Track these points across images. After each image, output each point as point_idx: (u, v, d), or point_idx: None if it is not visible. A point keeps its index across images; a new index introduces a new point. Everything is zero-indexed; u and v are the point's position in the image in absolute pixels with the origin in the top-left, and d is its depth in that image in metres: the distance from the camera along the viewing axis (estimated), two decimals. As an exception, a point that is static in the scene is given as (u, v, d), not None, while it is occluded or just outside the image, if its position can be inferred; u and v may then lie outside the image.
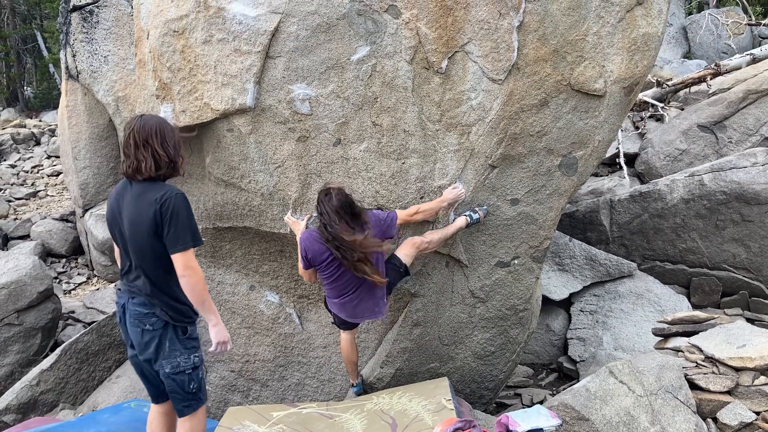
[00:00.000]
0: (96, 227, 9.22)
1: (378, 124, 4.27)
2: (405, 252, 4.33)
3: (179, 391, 3.48)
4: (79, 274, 9.97)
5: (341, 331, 4.61)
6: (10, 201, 13.58)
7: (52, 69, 24.68)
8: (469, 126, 4.37)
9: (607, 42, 4.39)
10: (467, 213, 4.51)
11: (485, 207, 4.59)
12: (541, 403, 5.81)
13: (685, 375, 3.86)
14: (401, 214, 4.22)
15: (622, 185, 9.16)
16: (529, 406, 5.89)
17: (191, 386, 3.49)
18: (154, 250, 3.28)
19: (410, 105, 4.26)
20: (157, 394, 3.71)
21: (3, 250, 10.49)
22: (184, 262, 3.23)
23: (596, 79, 4.43)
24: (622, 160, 9.83)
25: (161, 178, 3.36)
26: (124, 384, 6.28)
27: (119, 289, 3.53)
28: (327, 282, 4.21)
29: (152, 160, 3.27)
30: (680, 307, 6.74)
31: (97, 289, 8.91)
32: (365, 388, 4.96)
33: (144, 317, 3.39)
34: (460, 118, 4.35)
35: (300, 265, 4.25)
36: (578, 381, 6.18)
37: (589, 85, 4.43)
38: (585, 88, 4.44)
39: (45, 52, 25.28)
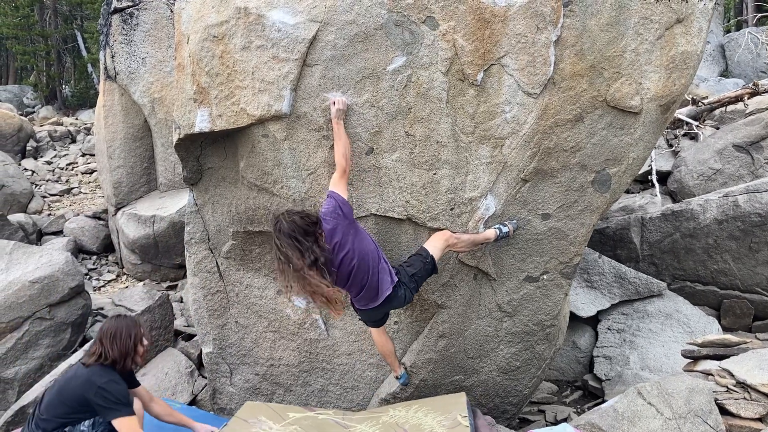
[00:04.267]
0: (127, 226, 9.36)
1: (411, 134, 4.28)
2: (433, 244, 4.27)
3: None
4: (109, 271, 10.13)
5: (370, 329, 4.60)
6: (44, 197, 13.85)
7: (90, 69, 25.14)
8: (503, 139, 4.36)
9: (645, 59, 4.35)
10: (497, 226, 4.49)
11: (515, 221, 4.57)
12: (565, 420, 5.76)
13: (716, 399, 3.79)
14: (335, 183, 4.02)
15: (653, 203, 9.05)
16: (552, 423, 5.84)
17: None
18: None
19: (444, 116, 4.26)
20: None
21: (37, 244, 10.70)
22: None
23: (633, 96, 4.39)
24: (654, 178, 9.72)
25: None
26: (149, 382, 6.36)
27: None
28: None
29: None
30: (710, 329, 6.62)
31: (126, 287, 9.04)
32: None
33: None
34: (493, 131, 4.34)
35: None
36: (603, 400, 6.13)
37: (625, 101, 4.40)
38: (621, 104, 4.40)
39: (84, 52, 25.77)
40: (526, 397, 5.40)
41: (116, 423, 3.69)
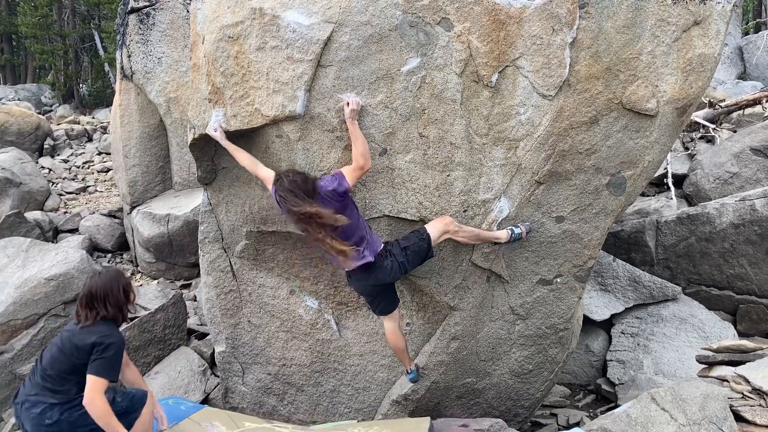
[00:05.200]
0: (142, 225, 9.41)
1: (425, 135, 4.27)
2: (433, 225, 4.28)
3: None
4: (123, 269, 10.19)
5: (383, 320, 4.60)
6: (61, 195, 13.96)
7: (107, 68, 25.32)
8: (517, 141, 4.34)
9: (662, 61, 4.32)
10: (509, 228, 4.46)
11: (528, 223, 4.54)
12: (578, 425, 5.73)
13: (731, 406, 3.74)
14: (348, 171, 4.08)
15: (669, 206, 8.97)
16: (565, 427, 5.81)
17: None
18: None
19: (458, 118, 4.25)
20: None
21: (53, 242, 10.79)
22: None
23: (649, 98, 4.36)
24: (670, 181, 9.63)
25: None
26: (162, 380, 6.39)
27: None
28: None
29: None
30: (726, 334, 6.56)
31: (141, 286, 9.08)
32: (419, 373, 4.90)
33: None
34: (508, 133, 4.33)
35: (252, 166, 4.32)
36: (616, 404, 6.09)
37: (641, 104, 4.37)
38: (637, 107, 4.37)
39: (101, 52, 25.95)
40: (539, 401, 5.38)
41: (91, 378, 3.60)
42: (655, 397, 3.59)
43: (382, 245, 4.24)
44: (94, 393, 3.59)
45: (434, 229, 4.26)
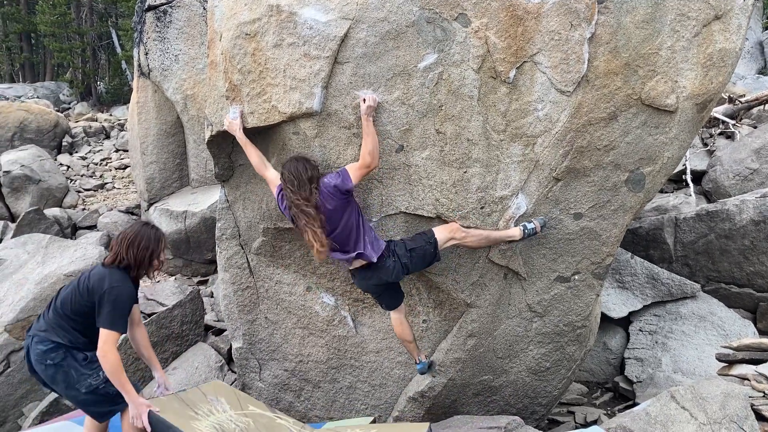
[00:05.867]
0: (160, 221, 9.48)
1: (442, 132, 4.25)
2: (440, 230, 4.29)
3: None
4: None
5: (389, 312, 4.65)
6: (79, 192, 14.10)
7: (124, 66, 25.51)
8: (535, 137, 4.31)
9: (682, 57, 4.27)
10: (522, 224, 4.43)
11: (542, 218, 4.51)
12: (595, 423, 5.70)
13: (752, 405, 3.70)
14: (353, 168, 4.11)
15: (687, 203, 8.88)
16: (582, 425, 5.78)
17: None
18: None
19: (475, 114, 4.23)
20: None
21: (71, 238, 10.89)
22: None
23: (668, 94, 4.32)
24: (688, 178, 9.54)
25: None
26: (180, 376, 6.43)
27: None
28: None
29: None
30: (746, 332, 6.49)
31: (158, 282, 9.14)
32: (433, 367, 4.93)
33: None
34: (525, 129, 4.30)
35: (259, 163, 4.39)
36: (635, 402, 6.05)
37: (660, 100, 4.32)
38: (656, 103, 4.32)
39: (118, 49, 26.14)
40: (556, 398, 5.35)
41: (104, 332, 3.67)
42: (675, 395, 3.56)
43: (386, 245, 4.25)
44: (108, 346, 3.66)
45: (441, 233, 4.27)
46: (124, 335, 3.88)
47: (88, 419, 4.00)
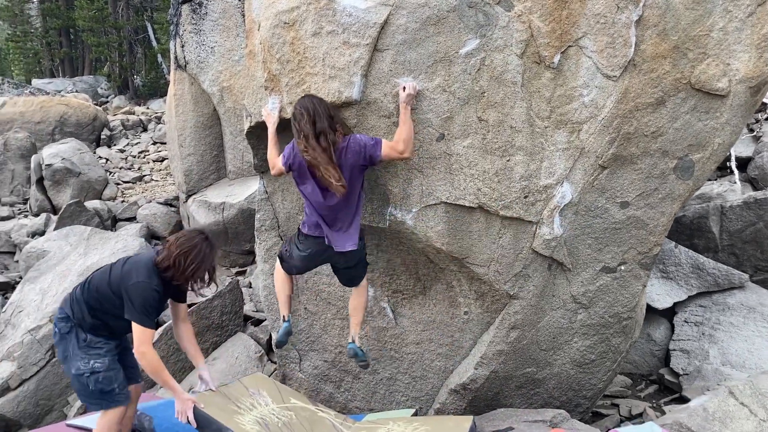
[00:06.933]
0: (198, 213, 9.55)
1: (484, 119, 4.16)
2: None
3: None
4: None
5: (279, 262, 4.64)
6: (118, 184, 14.31)
7: (160, 59, 25.80)
8: (580, 124, 4.20)
9: (734, 38, 4.11)
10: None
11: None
12: (640, 416, 5.57)
13: (811, 400, 3.56)
14: (386, 144, 4.01)
15: (733, 191, 8.62)
16: (627, 418, 5.66)
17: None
18: None
19: (518, 100, 4.13)
20: None
21: (111, 230, 11.05)
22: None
23: (720, 77, 4.16)
24: (733, 164, 9.26)
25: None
26: (220, 366, 6.47)
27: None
28: (304, 194, 4.23)
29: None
30: (798, 324, 6.27)
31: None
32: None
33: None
34: (570, 115, 4.18)
35: (274, 155, 4.32)
36: (681, 395, 5.90)
37: (711, 84, 4.17)
38: (707, 87, 4.18)
39: (154, 43, 26.45)
40: (601, 391, 5.24)
41: (137, 329, 3.66)
42: (734, 390, 3.44)
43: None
44: (144, 347, 3.65)
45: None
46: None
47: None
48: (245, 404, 4.11)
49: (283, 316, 4.63)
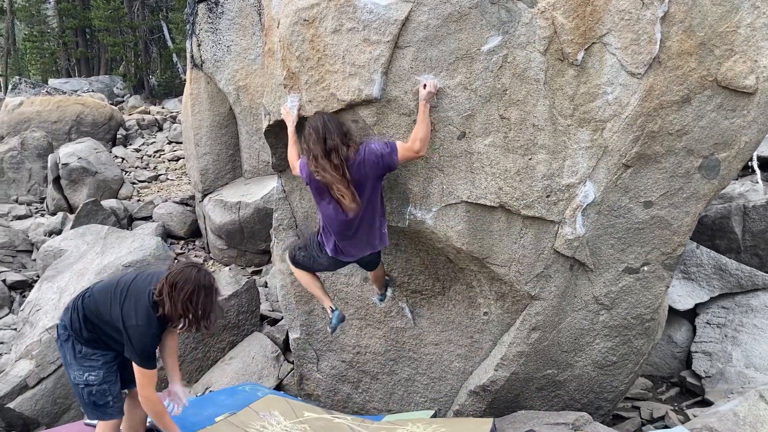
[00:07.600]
0: (214, 212, 9.54)
1: (506, 117, 4.10)
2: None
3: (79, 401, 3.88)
4: (195, 256, 10.38)
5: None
6: (134, 183, 14.35)
7: (175, 58, 25.89)
8: (604, 122, 4.13)
9: (762, 35, 4.02)
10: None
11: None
12: (661, 419, 5.49)
13: (842, 405, 3.48)
14: (401, 147, 3.93)
15: (755, 191, 8.49)
16: (649, 421, 5.58)
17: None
18: None
19: (541, 98, 4.06)
20: None
21: (128, 229, 11.08)
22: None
23: (747, 75, 4.08)
24: (755, 164, 9.13)
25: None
26: (236, 366, 6.45)
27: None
28: (322, 213, 4.18)
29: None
30: (823, 326, 6.16)
31: (213, 272, 9.22)
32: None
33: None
34: (594, 113, 4.11)
35: (294, 154, 4.31)
36: (703, 397, 5.80)
37: (738, 81, 4.08)
38: (733, 84, 4.09)
39: (169, 42, 26.55)
40: (622, 393, 5.16)
41: (138, 371, 3.59)
42: (765, 394, 3.36)
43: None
44: (147, 391, 3.62)
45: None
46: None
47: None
48: (254, 428, 4.09)
49: (330, 307, 4.65)
